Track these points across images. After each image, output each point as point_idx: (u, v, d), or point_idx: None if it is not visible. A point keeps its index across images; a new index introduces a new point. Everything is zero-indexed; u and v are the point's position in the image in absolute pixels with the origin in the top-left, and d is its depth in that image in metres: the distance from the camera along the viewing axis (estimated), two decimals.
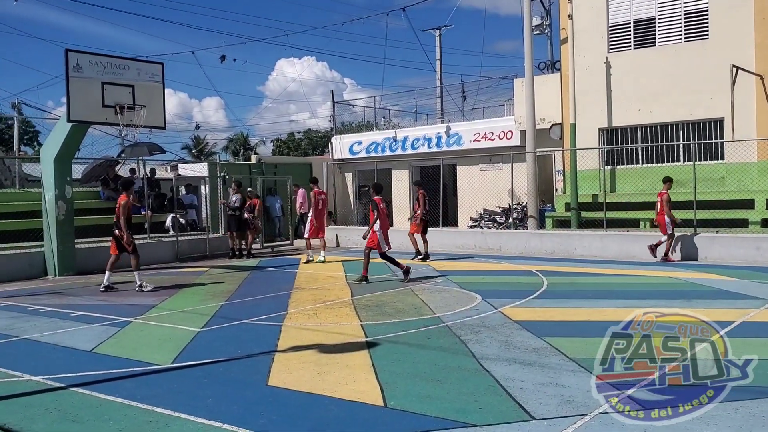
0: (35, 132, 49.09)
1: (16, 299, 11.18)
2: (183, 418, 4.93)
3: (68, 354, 7.19)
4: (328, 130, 38.21)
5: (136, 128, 14.17)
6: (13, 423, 4.92)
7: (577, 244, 16.31)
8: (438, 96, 31.75)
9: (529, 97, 18.37)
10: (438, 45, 33.98)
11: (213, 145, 55.07)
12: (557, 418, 4.75)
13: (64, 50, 13.25)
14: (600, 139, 19.06)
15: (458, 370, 6.07)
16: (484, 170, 21.72)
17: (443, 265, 14.51)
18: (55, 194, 14.32)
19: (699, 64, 17.31)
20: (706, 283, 11.15)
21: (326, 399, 5.32)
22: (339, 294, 10.87)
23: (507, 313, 8.72)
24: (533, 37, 19.17)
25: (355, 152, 25.81)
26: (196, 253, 17.82)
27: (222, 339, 7.77)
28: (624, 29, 18.66)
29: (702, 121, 17.54)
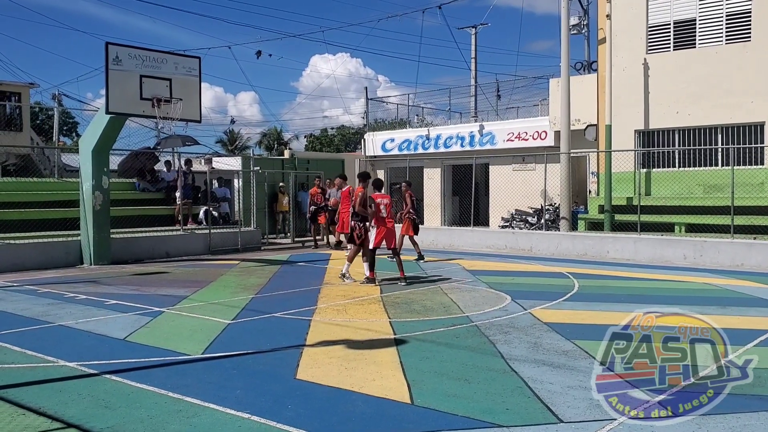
0: (74, 123, 50.11)
1: (52, 286, 11.42)
2: (212, 408, 4.99)
3: (102, 341, 7.32)
4: (361, 127, 38.27)
5: (173, 121, 14.36)
6: (47, 407, 5.03)
7: (610, 247, 16.11)
8: (472, 95, 31.64)
9: (564, 97, 18.18)
10: (473, 43, 33.87)
11: (247, 139, 55.55)
12: (585, 421, 4.70)
13: (105, 43, 13.49)
14: (636, 141, 18.79)
15: (486, 370, 6.05)
16: (516, 170, 21.58)
17: (473, 265, 14.45)
18: (93, 184, 14.58)
19: (740, 67, 16.95)
20: (741, 290, 10.93)
21: (353, 394, 5.34)
22: (368, 291, 10.89)
23: (537, 315, 8.66)
24: (570, 36, 18.98)
25: (388, 149, 25.82)
26: (228, 246, 18.00)
27: (252, 331, 7.85)
28: (664, 30, 18.35)
29: (742, 126, 17.17)
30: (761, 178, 16.69)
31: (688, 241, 15.11)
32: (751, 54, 16.83)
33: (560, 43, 18.34)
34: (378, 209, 11.70)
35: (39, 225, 15.31)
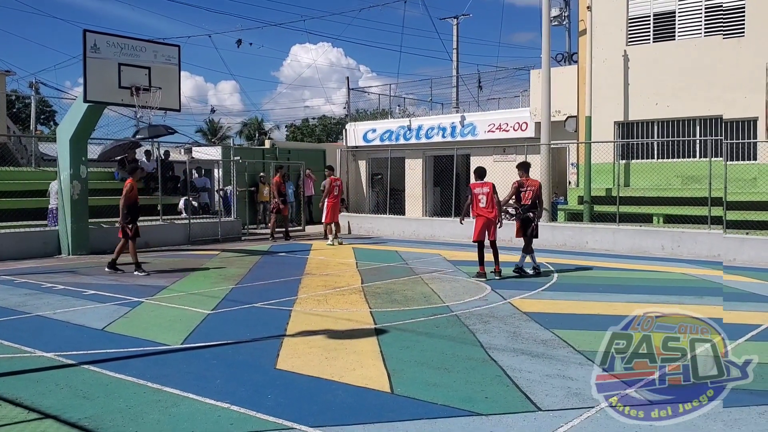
0: (52, 111, 49.45)
1: (30, 277, 11.30)
2: (191, 398, 4.98)
3: (80, 332, 7.27)
4: (343, 117, 38.17)
5: (152, 110, 14.22)
6: (24, 398, 4.99)
7: (589, 238, 16.24)
8: (454, 85, 31.63)
9: (545, 88, 18.24)
10: (455, 34, 33.83)
11: (227, 129, 55.20)
12: (563, 410, 4.76)
13: (83, 31, 13.30)
14: (615, 133, 18.91)
15: (466, 359, 6.09)
16: (497, 161, 21.61)
17: (454, 255, 14.51)
18: (71, 174, 14.42)
19: (720, 59, 17.09)
20: (718, 281, 11.07)
21: (334, 384, 5.36)
22: (349, 281, 10.91)
23: (516, 304, 8.73)
24: (551, 28, 19.01)
25: (369, 140, 25.77)
26: (208, 236, 17.90)
27: (232, 322, 7.83)
28: (644, 22, 18.46)
29: (731, 120, 17.13)
30: (753, 173, 16.69)
31: (666, 232, 15.24)
32: (727, 46, 16.95)
33: (541, 35, 18.39)
34: (476, 199, 11.13)
35: (16, 215, 15.13)
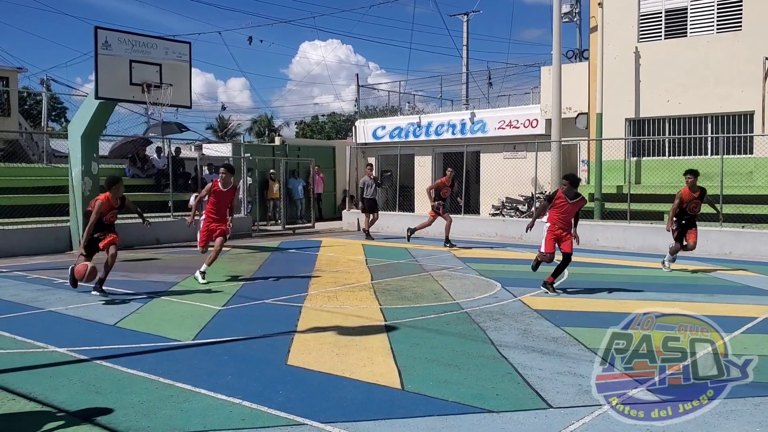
0: (63, 108, 49.60)
1: (42, 272, 11.37)
2: (203, 393, 5.00)
3: (92, 327, 7.31)
4: (352, 114, 38.14)
5: (162, 107, 14.27)
6: (37, 393, 5.03)
7: (600, 235, 16.19)
8: (463, 82, 31.51)
9: (555, 85, 18.18)
10: (465, 31, 33.70)
11: (237, 125, 55.27)
12: (574, 407, 4.74)
13: (94, 27, 13.36)
14: (626, 130, 18.83)
15: (476, 356, 6.08)
16: (507, 158, 21.59)
17: (464, 253, 14.49)
18: (82, 170, 14.48)
19: (730, 56, 16.99)
20: (730, 279, 11.02)
21: (344, 380, 5.36)
22: (359, 277, 10.91)
23: (527, 302, 8.71)
24: (562, 24, 18.94)
25: (379, 137, 25.76)
26: None
27: (242, 317, 7.86)
28: (655, 18, 18.36)
29: (731, 114, 17.23)
30: (750, 167, 16.77)
31: None
32: (741, 43, 16.85)
33: (552, 31, 18.33)
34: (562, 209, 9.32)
35: (28, 211, 15.21)
